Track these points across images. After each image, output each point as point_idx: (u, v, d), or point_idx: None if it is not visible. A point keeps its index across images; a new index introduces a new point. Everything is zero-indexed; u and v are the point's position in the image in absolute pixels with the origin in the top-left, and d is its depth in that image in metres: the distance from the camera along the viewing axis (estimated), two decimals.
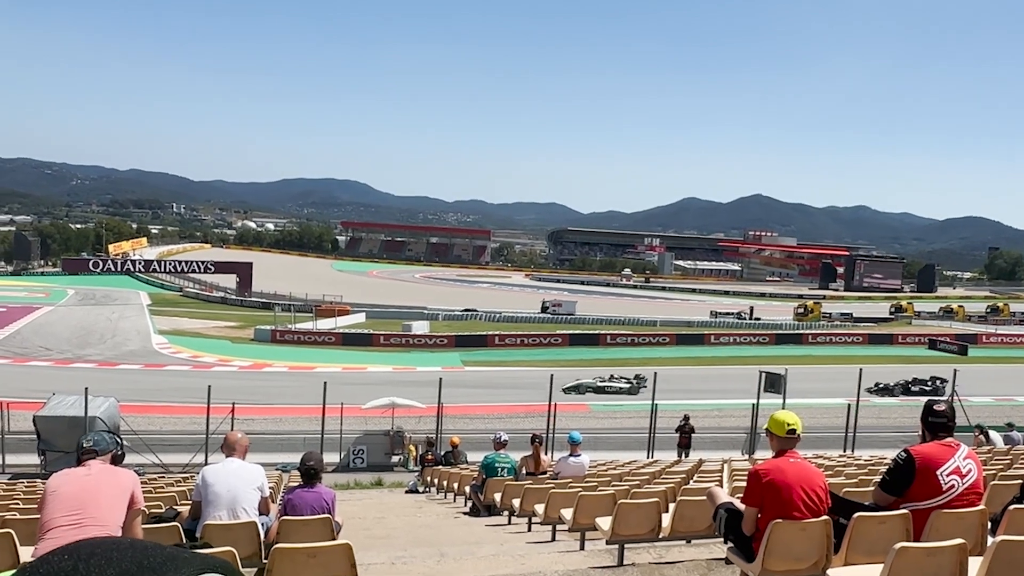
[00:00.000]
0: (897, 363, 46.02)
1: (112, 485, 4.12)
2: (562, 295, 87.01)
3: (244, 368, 39.43)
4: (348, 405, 22.35)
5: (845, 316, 77.91)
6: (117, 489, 4.13)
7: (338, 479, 18.69)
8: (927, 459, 4.11)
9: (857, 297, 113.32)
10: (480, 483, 11.28)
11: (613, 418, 27.56)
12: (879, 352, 52.29)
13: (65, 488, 4.09)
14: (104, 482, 4.13)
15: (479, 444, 19.70)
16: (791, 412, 4.47)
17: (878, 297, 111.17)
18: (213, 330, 53.90)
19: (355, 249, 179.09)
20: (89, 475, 4.18)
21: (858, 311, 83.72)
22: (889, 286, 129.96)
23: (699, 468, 12.30)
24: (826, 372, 37.60)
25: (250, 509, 5.40)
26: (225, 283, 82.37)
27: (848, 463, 12.16)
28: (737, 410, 26.67)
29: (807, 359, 45.96)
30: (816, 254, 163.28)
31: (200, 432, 20.22)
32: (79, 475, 4.20)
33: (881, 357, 48.24)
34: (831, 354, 50.69)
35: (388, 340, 51.23)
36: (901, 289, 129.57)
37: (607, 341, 54.27)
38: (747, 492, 4.36)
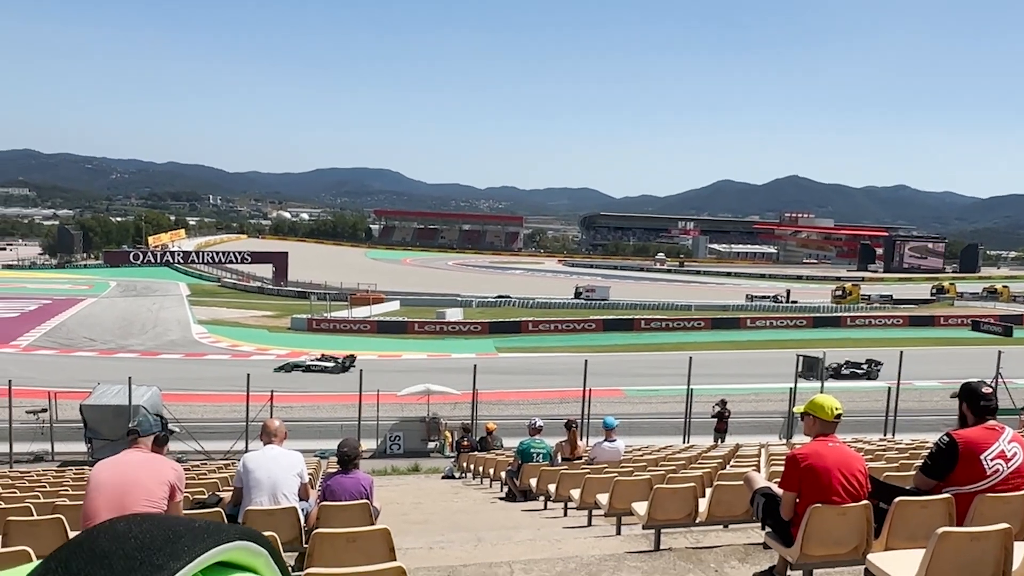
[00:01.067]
0: (938, 345, 45.16)
1: (153, 477, 4.16)
2: (595, 280, 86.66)
3: (282, 356, 39.80)
4: (384, 392, 22.55)
5: (885, 298, 76.48)
6: (158, 481, 4.16)
7: (375, 465, 18.90)
8: (970, 443, 4.03)
9: (897, 279, 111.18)
10: (516, 468, 11.33)
11: (648, 403, 27.46)
12: (920, 334, 51.31)
13: (107, 480, 4.14)
14: (145, 475, 4.16)
15: (514, 430, 19.79)
16: (830, 396, 4.40)
17: (919, 278, 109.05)
18: (251, 319, 54.61)
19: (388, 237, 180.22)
20: (130, 465, 4.21)
21: (898, 293, 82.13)
22: (930, 267, 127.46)
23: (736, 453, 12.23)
24: (866, 355, 36.97)
25: (290, 495, 5.49)
26: (262, 273, 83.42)
27: (888, 447, 11.99)
28: (774, 394, 26.40)
29: (845, 342, 45.28)
30: (854, 235, 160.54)
31: (240, 420, 20.56)
32: (121, 466, 4.23)
33: (922, 339, 47.36)
34: (870, 337, 49.88)
35: (422, 327, 51.46)
36: (943, 270, 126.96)
37: (641, 326, 53.99)
38: (785, 477, 4.32)
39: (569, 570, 5.33)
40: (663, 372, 33.75)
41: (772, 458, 10.24)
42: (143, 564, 0.57)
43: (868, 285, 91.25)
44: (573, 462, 10.90)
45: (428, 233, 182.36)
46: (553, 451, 11.37)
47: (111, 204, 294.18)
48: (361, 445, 6.54)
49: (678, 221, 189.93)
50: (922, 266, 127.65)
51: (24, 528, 5.13)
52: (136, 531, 0.60)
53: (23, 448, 19.80)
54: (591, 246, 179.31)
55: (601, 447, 10.55)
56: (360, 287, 69.64)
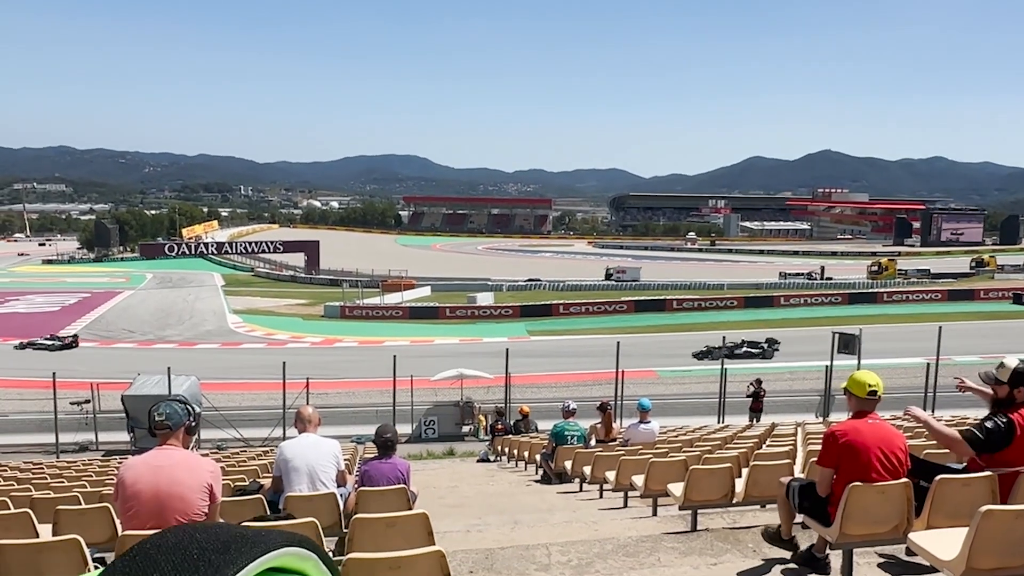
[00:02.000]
0: (979, 319, 44.27)
1: (193, 482, 4.00)
2: (626, 261, 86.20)
3: (316, 344, 40.32)
4: (417, 377, 22.70)
5: (922, 273, 75.01)
6: (198, 485, 4.01)
7: (411, 450, 19.08)
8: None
9: (935, 253, 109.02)
10: (550, 451, 11.37)
11: (682, 384, 27.35)
12: (960, 309, 50.35)
13: (147, 489, 3.94)
14: (185, 480, 3.99)
15: (548, 413, 19.83)
16: (871, 372, 4.35)
17: (957, 252, 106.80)
18: (284, 308, 55.24)
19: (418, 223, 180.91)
20: (167, 470, 3.98)
21: (936, 267, 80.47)
22: (969, 240, 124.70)
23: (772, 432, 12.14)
24: (903, 331, 36.46)
25: (328, 482, 5.58)
26: (294, 262, 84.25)
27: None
28: (810, 373, 26.14)
29: (882, 318, 44.60)
30: (890, 209, 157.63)
31: (277, 407, 20.85)
32: (159, 472, 3.98)
33: (962, 314, 46.45)
34: (908, 312, 49.08)
35: (454, 312, 51.71)
36: (983, 242, 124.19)
37: (673, 307, 53.67)
38: (823, 453, 4.29)
39: (606, 552, 5.35)
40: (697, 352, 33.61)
41: (809, 437, 10.15)
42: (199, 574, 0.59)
43: (905, 260, 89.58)
44: (608, 444, 10.91)
45: (457, 218, 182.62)
46: (587, 433, 11.39)
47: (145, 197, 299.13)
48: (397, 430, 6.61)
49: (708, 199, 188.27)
50: (961, 239, 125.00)
51: (73, 517, 5.27)
52: (187, 542, 0.62)
53: (69, 438, 20.32)
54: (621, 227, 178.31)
55: (636, 428, 10.55)
56: (391, 273, 70.02)
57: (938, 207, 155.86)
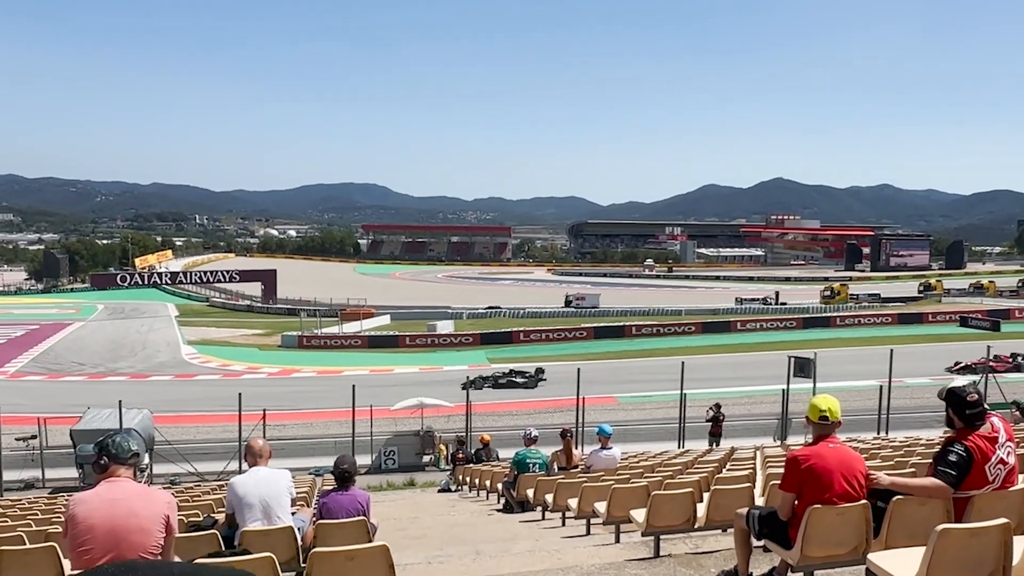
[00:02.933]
0: (928, 342, 45.39)
1: (149, 513, 3.84)
2: (585, 288, 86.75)
3: (273, 375, 39.74)
4: (377, 407, 22.47)
5: (873, 297, 76.92)
6: (155, 517, 3.85)
7: (371, 481, 18.81)
8: (981, 453, 4.03)
9: (884, 277, 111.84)
10: (512, 479, 11.28)
11: (642, 409, 27.47)
12: (909, 332, 51.59)
13: (101, 523, 3.75)
14: (140, 511, 3.82)
15: (509, 441, 19.74)
16: (828, 397, 4.40)
17: (906, 276, 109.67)
18: (241, 338, 54.43)
19: (377, 252, 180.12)
20: (122, 503, 3.80)
21: (886, 291, 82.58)
22: (917, 264, 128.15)
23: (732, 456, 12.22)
24: (856, 354, 37.18)
25: (284, 514, 5.45)
26: (250, 291, 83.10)
27: (883, 445, 12.03)
28: (767, 396, 26.46)
29: (836, 342, 45.47)
30: (841, 235, 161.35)
31: (233, 440, 20.42)
32: (113, 505, 3.79)
33: (912, 337, 47.60)
34: (860, 336, 50.11)
35: (414, 341, 51.42)
36: (929, 267, 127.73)
37: (632, 332, 54.07)
38: (785, 477, 4.32)
39: None
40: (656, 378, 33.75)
41: (768, 460, 10.24)
42: None
43: (856, 284, 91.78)
44: (570, 471, 10.86)
45: (416, 246, 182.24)
46: (549, 461, 11.33)
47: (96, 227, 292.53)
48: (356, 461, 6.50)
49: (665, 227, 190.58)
50: (909, 264, 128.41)
51: (18, 557, 5.06)
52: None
53: (13, 476, 19.59)
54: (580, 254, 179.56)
55: (597, 455, 10.53)
56: (350, 302, 69.48)
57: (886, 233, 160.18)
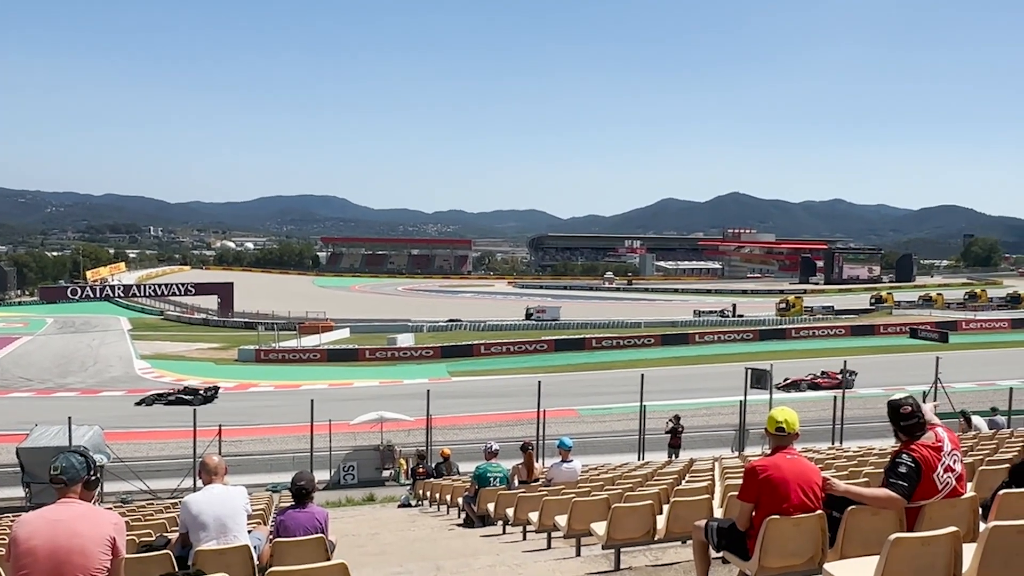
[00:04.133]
0: (880, 353, 46.40)
1: (94, 537, 3.73)
2: (546, 301, 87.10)
3: (229, 389, 39.06)
4: (336, 422, 22.21)
5: (827, 309, 78.56)
6: (99, 540, 3.74)
7: (329, 497, 18.56)
8: (926, 463, 4.13)
9: (838, 290, 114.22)
10: (473, 494, 11.22)
11: (602, 422, 27.57)
12: (862, 343, 52.71)
13: (43, 546, 3.64)
14: (85, 534, 3.71)
15: (470, 454, 19.63)
16: (786, 408, 4.47)
17: (858, 289, 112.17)
18: (196, 352, 53.52)
19: (336, 264, 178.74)
20: (65, 524, 3.69)
21: (839, 304, 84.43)
22: (868, 277, 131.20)
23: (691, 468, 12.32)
24: (811, 366, 37.82)
25: (240, 532, 5.33)
26: (206, 304, 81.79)
27: (837, 455, 12.23)
28: (725, 408, 26.74)
29: (791, 353, 46.25)
30: (795, 249, 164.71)
31: (187, 456, 19.97)
32: (56, 526, 3.69)
33: (864, 348, 48.63)
34: (815, 347, 51.04)
35: (373, 354, 51.09)
36: (880, 280, 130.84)
37: (592, 345, 54.37)
38: (743, 488, 4.36)
39: None
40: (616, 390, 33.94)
41: (726, 471, 10.34)
42: None
43: (810, 297, 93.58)
44: (530, 484, 10.84)
45: (376, 259, 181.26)
46: (510, 474, 11.30)
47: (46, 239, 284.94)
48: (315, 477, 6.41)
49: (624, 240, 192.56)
50: (860, 277, 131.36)
51: None
52: None
53: None
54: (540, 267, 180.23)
55: (558, 468, 10.53)
56: (309, 315, 68.78)
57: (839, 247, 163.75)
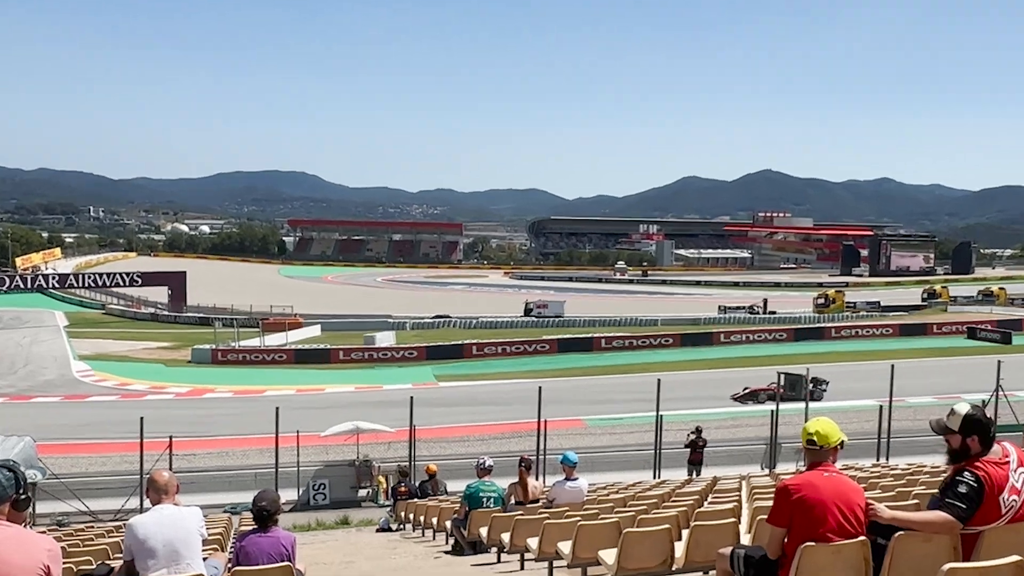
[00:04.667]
0: (932, 356, 46.54)
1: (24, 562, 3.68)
2: (548, 295, 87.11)
3: (182, 395, 39.15)
4: (305, 433, 22.20)
5: (872, 305, 78.76)
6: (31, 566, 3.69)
7: (297, 519, 18.60)
8: (992, 483, 4.09)
9: (884, 283, 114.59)
10: (463, 516, 11.25)
11: (612, 434, 27.65)
12: (912, 345, 52.80)
13: None
14: (13, 559, 3.66)
15: (460, 471, 19.65)
16: (823, 419, 4.47)
17: (908, 282, 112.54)
18: (144, 352, 53.49)
19: (305, 251, 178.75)
20: None
21: (886, 299, 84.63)
22: (920, 269, 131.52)
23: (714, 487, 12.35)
24: (853, 370, 37.95)
25: (194, 561, 5.33)
26: (155, 297, 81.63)
27: (883, 473, 12.28)
28: (754, 418, 26.82)
29: (831, 356, 46.34)
30: (836, 235, 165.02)
31: (133, 472, 19.98)
32: None
33: (914, 350, 48.72)
34: (858, 349, 51.16)
35: (348, 355, 51.14)
36: (934, 271, 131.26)
37: (601, 346, 54.43)
38: (774, 511, 4.37)
39: None
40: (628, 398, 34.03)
41: (755, 492, 10.37)
42: None
43: (853, 291, 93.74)
44: (529, 506, 10.87)
45: (352, 245, 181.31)
46: (505, 494, 11.33)
47: None
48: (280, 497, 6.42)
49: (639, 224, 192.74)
50: (911, 268, 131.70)
51: None
52: None
53: None
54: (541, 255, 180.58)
55: (561, 487, 10.56)
56: (273, 310, 68.72)
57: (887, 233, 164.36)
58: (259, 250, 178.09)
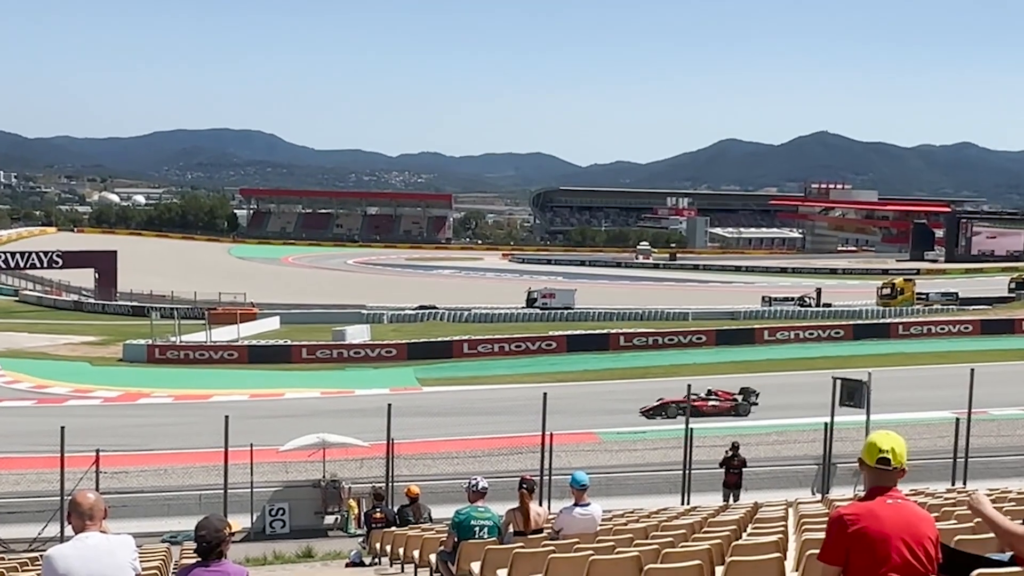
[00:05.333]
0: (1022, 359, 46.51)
1: None
2: (555, 282, 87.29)
3: (111, 400, 39.15)
4: (261, 447, 22.21)
5: (948, 297, 78.70)
6: None
7: (251, 551, 18.63)
8: None
9: (964, 270, 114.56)
10: (451, 549, 11.29)
11: (632, 450, 27.67)
12: (997, 345, 52.78)
13: None
14: None
15: (447, 494, 19.70)
16: (890, 433, 4.46)
17: (992, 269, 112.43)
18: (65, 348, 53.58)
19: (261, 227, 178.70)
20: None
21: (965, 289, 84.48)
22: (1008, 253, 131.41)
23: (755, 515, 12.40)
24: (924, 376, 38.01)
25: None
26: (79, 281, 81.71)
27: (959, 501, 12.30)
28: (804, 432, 26.84)
29: (897, 358, 46.32)
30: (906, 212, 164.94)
31: (52, 493, 20.03)
32: None
33: (1000, 352, 48.71)
34: (930, 350, 51.13)
35: (313, 353, 51.16)
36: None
37: (620, 344, 54.33)
38: (827, 545, 4.36)
39: None
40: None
41: (804, 521, 10.41)
42: None
43: (925, 280, 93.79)
44: (530, 537, 10.91)
45: (318, 220, 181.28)
46: (503, 522, 11.37)
47: None
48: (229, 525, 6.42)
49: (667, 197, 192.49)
50: (996, 252, 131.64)
51: None
52: None
53: None
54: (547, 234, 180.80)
55: (570, 514, 10.59)
56: (223, 298, 68.73)
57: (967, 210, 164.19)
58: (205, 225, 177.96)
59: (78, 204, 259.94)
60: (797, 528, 10.19)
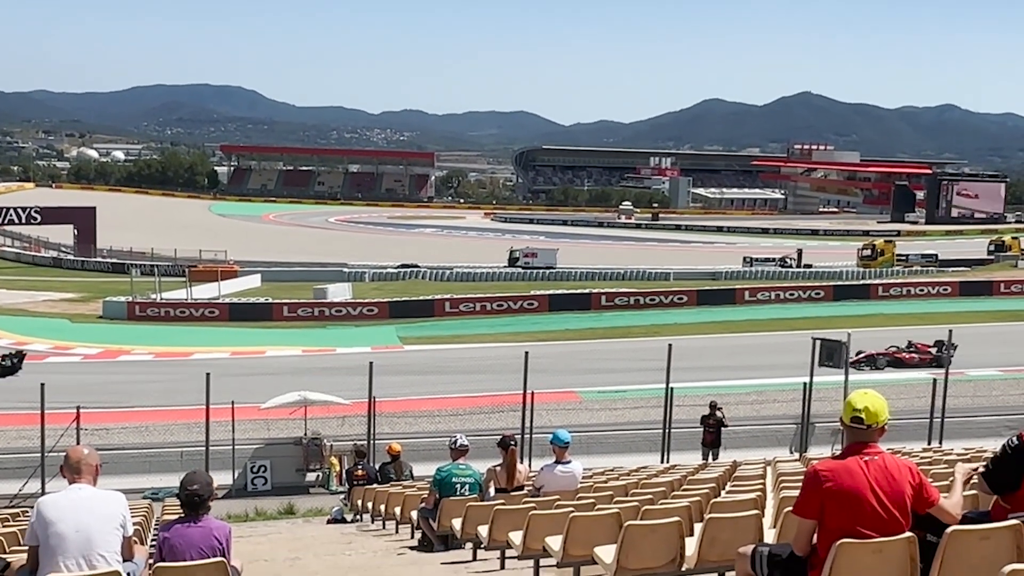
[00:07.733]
0: (999, 320, 46.88)
1: None
2: (537, 241, 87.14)
3: (91, 357, 39.08)
4: (242, 405, 22.24)
5: (928, 259, 79.16)
6: None
7: (232, 507, 18.70)
8: None
9: (944, 232, 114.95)
10: (432, 506, 11.35)
11: (613, 409, 27.79)
12: (975, 307, 53.12)
13: None
14: None
15: (428, 452, 19.80)
16: (870, 392, 4.48)
17: (972, 231, 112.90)
18: (44, 305, 53.38)
19: (242, 184, 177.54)
20: None
21: (945, 251, 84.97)
22: (988, 215, 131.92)
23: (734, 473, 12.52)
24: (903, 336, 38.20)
25: (110, 555, 5.37)
26: (58, 238, 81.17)
27: (935, 459, 12.44)
28: (783, 392, 27.02)
29: (877, 319, 46.61)
30: (887, 173, 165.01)
31: (32, 450, 20.03)
32: None
33: (977, 314, 49.06)
34: (909, 311, 51.40)
35: (294, 311, 51.14)
36: (1004, 219, 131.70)
37: (601, 303, 54.48)
38: (801, 500, 4.40)
39: None
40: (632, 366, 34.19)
41: (782, 479, 10.50)
42: None
43: (906, 241, 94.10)
44: (512, 494, 10.98)
45: (299, 177, 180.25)
46: (484, 480, 11.43)
47: None
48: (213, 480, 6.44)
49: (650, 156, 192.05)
50: (976, 214, 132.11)
51: None
52: None
53: None
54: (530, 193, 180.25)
55: (551, 472, 10.64)
56: (203, 256, 68.41)
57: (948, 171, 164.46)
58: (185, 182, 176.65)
59: (56, 160, 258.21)
60: (775, 486, 10.29)
